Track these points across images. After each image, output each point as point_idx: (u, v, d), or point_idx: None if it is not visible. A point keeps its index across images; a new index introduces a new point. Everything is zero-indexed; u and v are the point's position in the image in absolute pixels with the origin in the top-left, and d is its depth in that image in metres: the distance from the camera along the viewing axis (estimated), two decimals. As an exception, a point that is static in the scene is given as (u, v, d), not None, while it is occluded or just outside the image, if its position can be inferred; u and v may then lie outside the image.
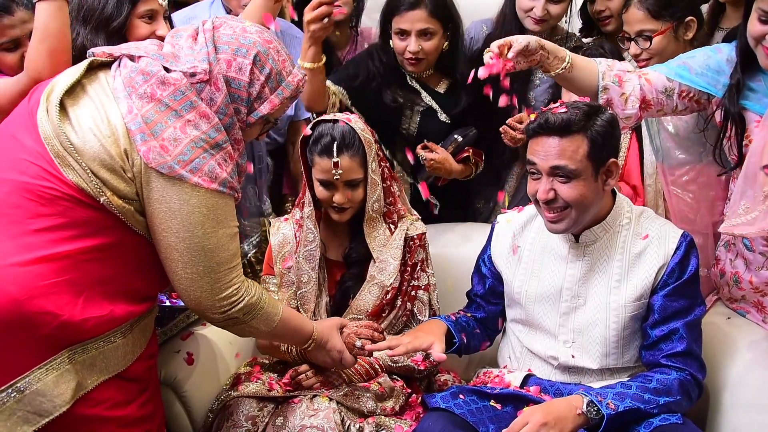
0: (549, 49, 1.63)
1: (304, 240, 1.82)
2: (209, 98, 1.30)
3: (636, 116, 1.73)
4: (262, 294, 1.44)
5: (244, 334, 1.49)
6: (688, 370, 1.52)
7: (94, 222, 1.27)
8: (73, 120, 1.27)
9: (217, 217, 1.31)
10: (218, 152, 1.30)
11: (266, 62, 1.35)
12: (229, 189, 1.32)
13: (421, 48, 2.06)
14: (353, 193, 1.75)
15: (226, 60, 1.32)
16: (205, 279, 1.32)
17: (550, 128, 1.49)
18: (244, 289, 1.39)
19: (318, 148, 1.73)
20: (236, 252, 1.37)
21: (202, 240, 1.30)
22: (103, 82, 1.32)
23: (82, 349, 1.28)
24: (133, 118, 1.25)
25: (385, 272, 1.80)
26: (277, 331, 1.48)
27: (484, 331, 1.80)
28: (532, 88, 2.35)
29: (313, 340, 1.57)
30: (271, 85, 1.37)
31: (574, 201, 1.50)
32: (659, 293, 1.54)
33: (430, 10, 2.03)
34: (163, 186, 1.26)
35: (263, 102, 1.37)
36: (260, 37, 1.37)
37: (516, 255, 1.71)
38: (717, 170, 1.83)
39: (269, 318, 1.45)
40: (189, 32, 1.36)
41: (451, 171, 2.14)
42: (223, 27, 1.36)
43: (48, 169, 1.25)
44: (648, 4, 1.94)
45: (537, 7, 2.16)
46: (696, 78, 1.71)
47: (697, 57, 1.74)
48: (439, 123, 2.20)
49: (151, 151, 1.24)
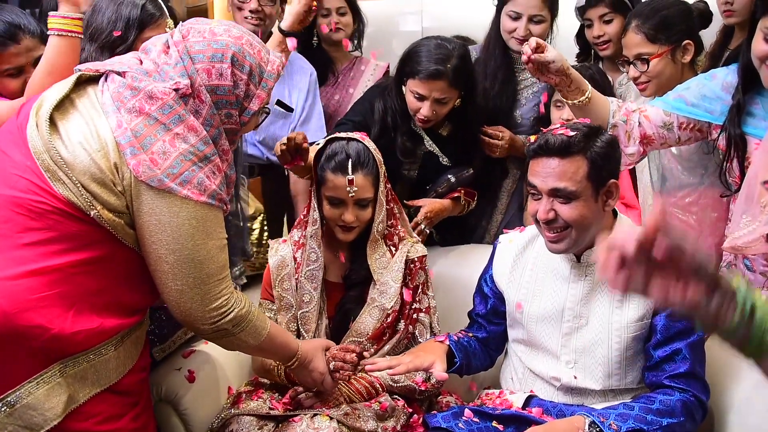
0: (573, 78, 1.67)
1: (307, 259, 1.82)
2: (194, 110, 1.31)
3: (639, 152, 1.76)
4: (251, 306, 1.44)
5: (232, 347, 1.49)
6: (691, 391, 1.51)
7: (84, 235, 1.27)
8: (63, 134, 1.28)
9: (206, 229, 1.31)
10: (207, 165, 1.31)
11: (244, 60, 1.35)
12: (218, 201, 1.33)
13: (435, 113, 2.04)
14: (362, 212, 1.76)
15: (205, 69, 1.32)
16: (195, 290, 1.33)
17: (550, 149, 1.50)
18: (234, 300, 1.39)
19: (332, 165, 1.73)
20: (225, 263, 1.38)
21: (192, 252, 1.30)
22: (92, 97, 1.33)
23: (73, 362, 1.28)
24: (123, 132, 1.26)
25: (385, 295, 1.79)
26: (263, 345, 1.47)
27: (485, 352, 1.80)
28: (519, 107, 2.41)
29: (297, 358, 1.57)
30: (254, 81, 1.38)
31: (574, 221, 1.51)
32: (662, 313, 1.54)
33: (450, 80, 1.99)
34: (153, 199, 1.27)
35: (252, 99, 1.38)
36: (230, 35, 1.36)
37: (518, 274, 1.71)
38: (718, 192, 1.84)
39: (257, 331, 1.45)
40: (159, 47, 1.36)
41: (444, 209, 2.15)
42: (191, 34, 1.35)
43: (38, 183, 1.25)
44: (645, 28, 1.97)
45: (519, 28, 2.25)
46: (692, 109, 1.73)
47: (692, 87, 1.76)
48: (440, 166, 2.19)
49: (141, 164, 1.25)
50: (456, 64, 2.00)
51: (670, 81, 1.96)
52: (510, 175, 2.43)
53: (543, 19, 2.27)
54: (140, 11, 1.70)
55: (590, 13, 2.38)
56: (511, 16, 2.27)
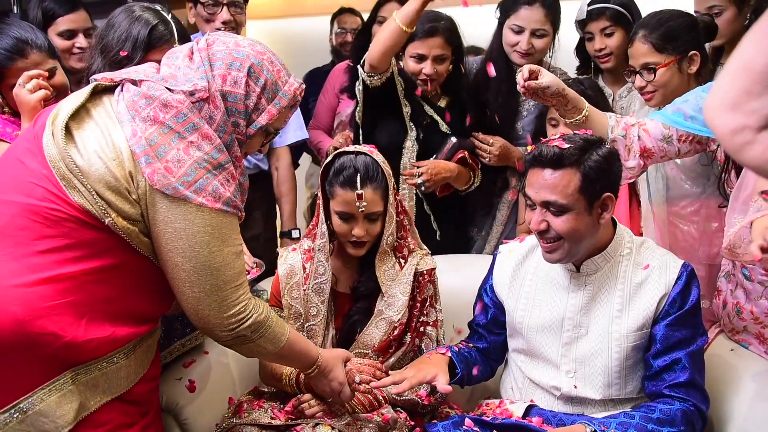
0: (570, 98, 1.69)
1: (315, 272, 1.80)
2: (208, 116, 1.33)
3: (639, 166, 1.77)
4: (270, 312, 1.44)
5: (251, 354, 1.49)
6: (691, 400, 1.51)
7: (99, 243, 1.28)
8: (79, 143, 1.30)
9: (222, 236, 1.32)
10: (221, 172, 1.32)
11: (261, 73, 1.37)
12: (233, 208, 1.34)
13: (436, 71, 2.24)
14: (372, 226, 1.74)
15: (221, 75, 1.34)
16: (213, 297, 1.34)
17: (543, 161, 1.52)
18: (252, 306, 1.39)
19: (340, 179, 1.72)
20: (242, 270, 1.38)
21: (208, 259, 1.31)
22: (107, 106, 1.35)
23: (85, 369, 1.29)
24: (138, 141, 1.28)
25: (393, 307, 1.77)
26: (283, 351, 1.47)
27: (486, 362, 1.80)
28: (520, 119, 2.45)
29: (318, 366, 1.57)
30: (267, 96, 1.39)
31: (565, 234, 1.52)
32: (661, 323, 1.55)
33: (445, 37, 2.22)
34: (168, 207, 1.28)
35: (261, 113, 1.39)
36: (253, 49, 1.39)
37: (518, 284, 1.72)
38: (719, 202, 1.85)
39: (276, 337, 1.45)
40: (185, 52, 1.39)
41: (448, 170, 2.27)
42: (216, 43, 1.38)
43: (53, 191, 1.27)
44: (652, 38, 1.98)
45: (522, 41, 2.29)
46: (690, 123, 1.74)
47: (690, 100, 1.77)
48: (441, 135, 2.33)
49: (156, 173, 1.27)
50: (446, 23, 2.24)
51: (676, 91, 1.96)
52: (510, 187, 2.45)
53: (545, 33, 2.30)
54: (149, 33, 1.74)
55: (591, 27, 2.40)
56: (514, 29, 2.30)
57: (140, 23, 1.74)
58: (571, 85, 2.15)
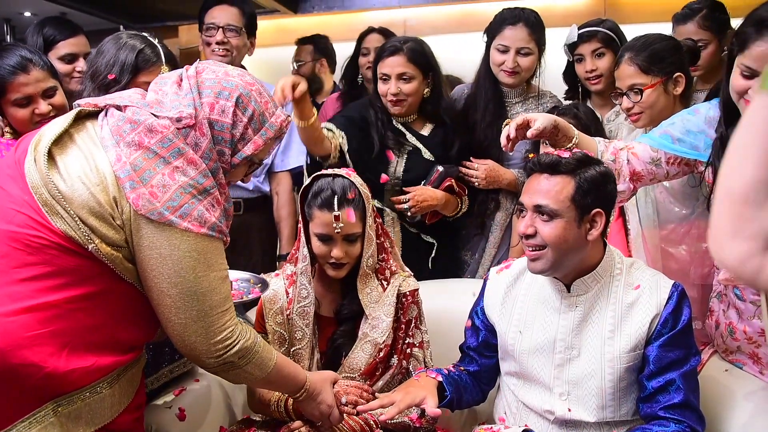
0: (561, 128, 1.70)
1: (298, 296, 1.81)
2: (194, 143, 1.33)
3: (629, 189, 1.78)
4: (257, 338, 1.43)
5: (239, 381, 1.47)
6: (686, 422, 1.50)
7: (82, 270, 1.27)
8: (62, 168, 1.28)
9: (207, 261, 1.31)
10: (206, 197, 1.31)
11: (248, 104, 1.38)
12: (218, 233, 1.33)
13: (400, 90, 2.29)
14: (351, 248, 1.76)
15: (209, 103, 1.35)
16: (199, 323, 1.32)
17: (541, 166, 1.54)
18: (239, 332, 1.38)
19: (318, 201, 1.74)
20: (228, 295, 1.37)
21: (194, 284, 1.30)
22: (90, 132, 1.34)
23: (67, 401, 1.26)
24: (122, 166, 1.27)
25: (377, 329, 1.78)
26: (271, 377, 1.45)
27: (477, 385, 1.78)
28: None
29: (306, 389, 1.55)
30: (254, 126, 1.39)
31: (551, 241, 1.52)
32: (654, 344, 1.54)
33: (408, 56, 2.28)
34: (153, 232, 1.27)
35: (247, 143, 1.39)
36: (242, 80, 1.40)
37: (509, 306, 1.71)
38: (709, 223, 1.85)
39: (264, 362, 1.43)
40: (173, 78, 1.40)
41: (435, 199, 2.28)
42: (205, 72, 1.39)
43: (35, 217, 1.25)
44: (638, 59, 2.03)
45: (508, 60, 2.36)
46: (677, 146, 1.77)
47: (677, 123, 1.80)
48: (425, 162, 2.35)
49: (141, 198, 1.26)
50: (411, 44, 2.31)
51: (663, 112, 2.01)
52: (503, 209, 2.47)
53: (530, 51, 2.36)
54: (136, 57, 1.80)
55: (582, 48, 2.45)
56: (500, 49, 2.37)
57: (127, 49, 1.79)
58: (566, 110, 2.19)
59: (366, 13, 3.99)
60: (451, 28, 3.96)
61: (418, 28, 4.09)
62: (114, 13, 4.00)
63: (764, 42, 1.50)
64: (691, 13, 2.43)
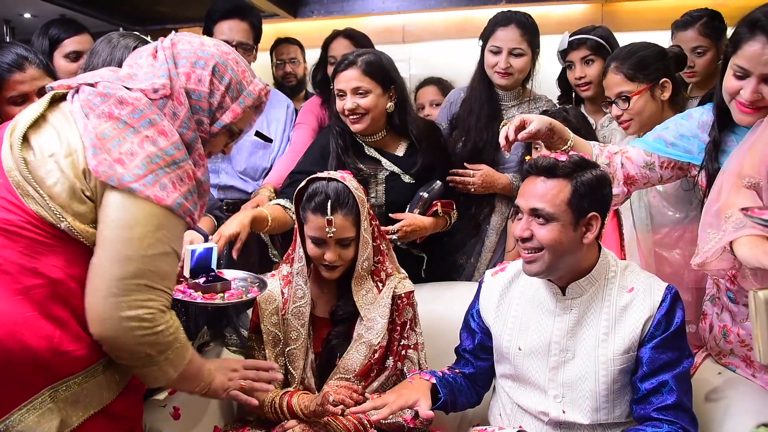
0: (556, 131, 1.72)
1: (293, 296, 1.82)
2: (172, 113, 1.33)
3: (624, 193, 1.80)
4: (179, 332, 1.34)
5: (148, 380, 1.37)
6: (679, 423, 1.51)
7: (61, 252, 1.26)
8: (36, 148, 1.29)
9: (158, 235, 1.27)
10: (174, 170, 1.29)
11: (225, 72, 1.39)
12: (182, 211, 1.30)
13: (357, 105, 2.16)
14: (344, 251, 1.77)
15: (185, 73, 1.35)
16: (117, 284, 1.23)
17: (538, 169, 1.55)
18: (162, 319, 1.28)
19: (312, 205, 1.75)
20: (166, 276, 1.29)
21: (136, 250, 1.25)
22: (64, 110, 1.34)
23: (64, 385, 1.26)
24: (88, 134, 1.27)
25: (372, 331, 1.78)
26: (186, 372, 1.37)
27: (472, 388, 1.79)
28: None
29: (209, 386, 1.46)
30: (231, 95, 1.40)
31: (547, 244, 1.52)
32: (647, 345, 1.55)
33: (363, 69, 2.16)
34: (115, 199, 1.25)
35: (225, 111, 1.40)
36: (218, 49, 1.41)
37: (504, 309, 1.72)
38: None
39: (180, 359, 1.35)
40: (149, 51, 1.40)
41: (423, 228, 2.21)
42: (181, 42, 1.39)
43: (11, 200, 1.26)
44: (624, 68, 2.08)
45: (501, 61, 2.38)
46: (671, 149, 1.79)
47: (670, 127, 1.82)
48: (405, 185, 2.26)
49: (101, 164, 1.24)
50: (366, 57, 2.18)
51: (652, 118, 2.04)
52: (498, 214, 2.48)
53: (522, 52, 2.39)
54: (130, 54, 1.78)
55: (572, 56, 2.49)
56: (493, 51, 2.40)
57: (121, 47, 1.78)
58: (556, 113, 2.21)
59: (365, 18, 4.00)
60: (450, 34, 3.97)
61: (417, 34, 4.10)
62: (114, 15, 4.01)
63: (756, 42, 1.53)
64: (691, 20, 2.48)
